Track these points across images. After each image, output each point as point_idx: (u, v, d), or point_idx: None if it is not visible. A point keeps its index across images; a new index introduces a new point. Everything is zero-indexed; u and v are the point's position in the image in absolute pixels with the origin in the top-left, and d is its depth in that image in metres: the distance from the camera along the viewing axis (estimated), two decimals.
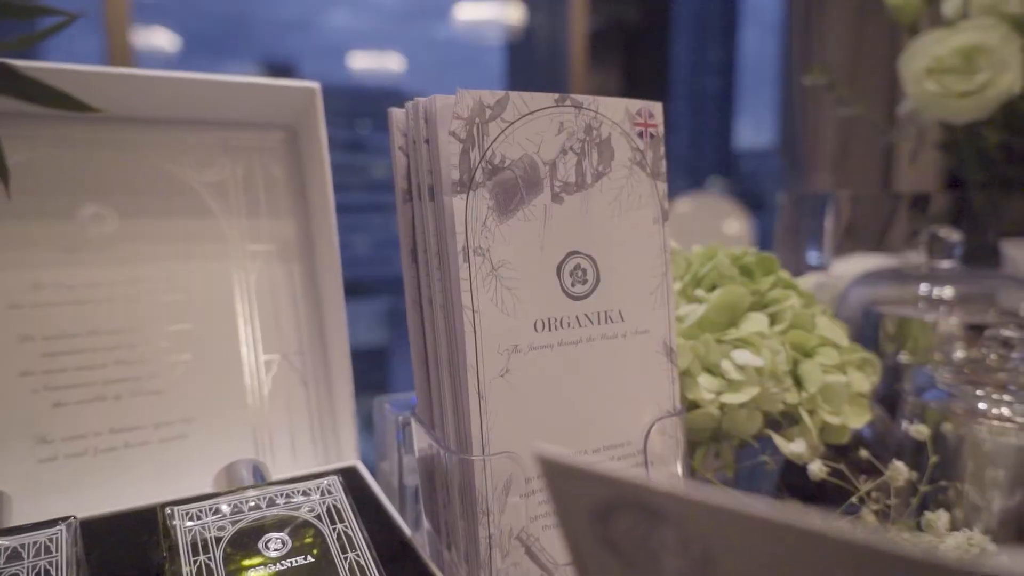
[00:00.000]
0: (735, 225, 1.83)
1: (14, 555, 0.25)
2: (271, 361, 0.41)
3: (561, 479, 0.16)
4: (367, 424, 0.45)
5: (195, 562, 0.26)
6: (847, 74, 1.94)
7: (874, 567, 0.13)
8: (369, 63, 4.13)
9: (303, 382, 0.41)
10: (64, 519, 0.27)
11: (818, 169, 2.09)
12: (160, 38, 2.77)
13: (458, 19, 3.28)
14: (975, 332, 0.46)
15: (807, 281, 0.43)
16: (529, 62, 3.85)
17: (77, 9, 0.26)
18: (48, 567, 0.25)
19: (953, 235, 0.50)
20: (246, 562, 0.27)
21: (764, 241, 2.03)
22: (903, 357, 0.49)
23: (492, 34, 3.53)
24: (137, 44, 1.85)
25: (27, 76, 0.22)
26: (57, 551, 0.25)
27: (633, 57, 3.78)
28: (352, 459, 0.40)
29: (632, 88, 3.62)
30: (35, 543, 0.26)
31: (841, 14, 2.06)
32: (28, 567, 0.25)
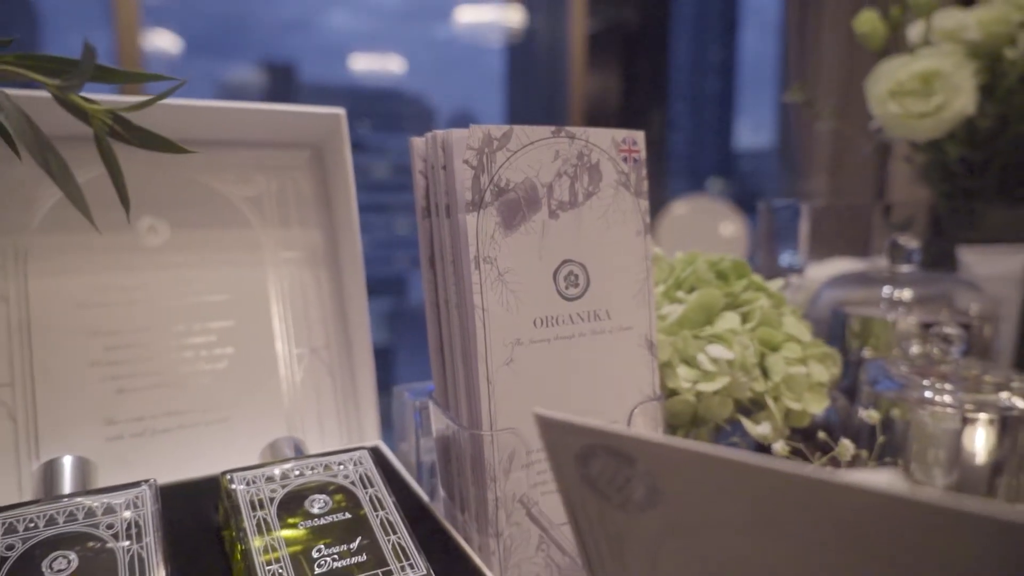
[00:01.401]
0: (730, 227, 1.89)
1: (108, 509, 0.31)
2: (302, 354, 0.47)
3: (553, 432, 0.22)
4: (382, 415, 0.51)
5: (254, 517, 0.32)
6: (842, 78, 2.00)
7: (781, 487, 0.19)
8: (369, 64, 4.19)
9: (330, 373, 0.47)
10: (146, 480, 0.33)
11: (814, 174, 2.15)
12: (163, 40, 2.83)
13: (459, 21, 3.34)
14: (928, 330, 0.52)
15: (777, 283, 0.49)
16: (529, 64, 3.91)
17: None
18: (137, 519, 0.31)
19: (912, 242, 0.56)
20: (294, 519, 0.33)
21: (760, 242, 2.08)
22: (866, 352, 0.55)
23: (492, 36, 3.58)
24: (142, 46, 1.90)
25: (143, 128, 0.28)
26: (142, 506, 0.31)
27: (632, 58, 3.83)
28: (375, 440, 0.46)
29: (631, 89, 3.68)
30: (124, 500, 0.32)
31: (836, 16, 2.12)
32: (120, 519, 0.31)
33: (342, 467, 0.36)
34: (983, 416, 0.42)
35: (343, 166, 0.46)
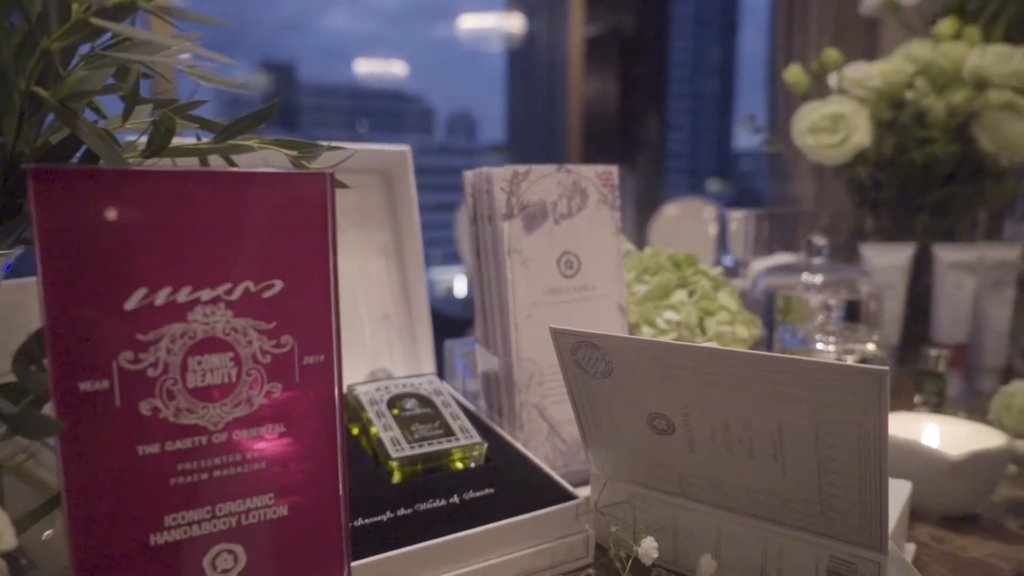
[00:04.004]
0: (716, 227, 2.12)
1: None
2: (376, 318, 0.68)
3: (559, 336, 0.44)
4: None
5: (373, 409, 0.54)
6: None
7: (676, 353, 0.41)
8: (371, 66, 4.40)
9: (397, 332, 0.69)
10: None
11: (798, 179, 2.37)
12: None
13: (460, 27, 3.56)
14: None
15: (717, 270, 0.71)
16: (528, 67, 4.12)
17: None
18: None
19: (822, 240, 0.78)
20: (395, 411, 0.55)
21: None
22: (787, 321, 0.77)
23: (494, 41, 3.80)
24: None
25: None
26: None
27: (630, 61, 4.01)
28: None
29: (629, 92, 3.88)
30: None
31: (820, 23, 2.34)
32: None
33: (420, 384, 0.58)
34: (850, 358, 0.64)
35: (407, 186, 0.68)
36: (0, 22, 0.33)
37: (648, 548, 0.39)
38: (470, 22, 3.52)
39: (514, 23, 3.58)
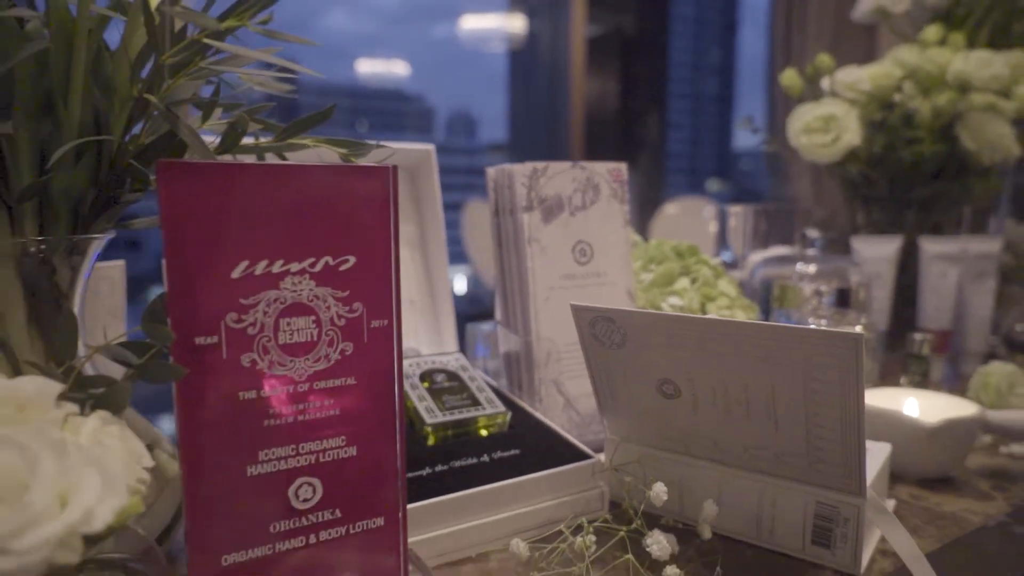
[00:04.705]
0: (716, 225, 2.18)
1: None
2: (403, 303, 0.75)
3: (579, 312, 0.51)
4: None
5: (407, 382, 0.60)
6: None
7: (683, 324, 0.47)
8: (371, 66, 4.46)
9: (422, 315, 0.75)
10: None
11: (797, 178, 2.43)
12: None
13: (463, 28, 3.63)
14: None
15: (717, 259, 0.78)
16: (530, 67, 4.19)
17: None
18: None
19: (815, 233, 0.84)
20: (426, 384, 0.61)
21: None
22: (783, 308, 0.83)
23: (495, 42, 3.86)
24: None
25: None
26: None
27: (631, 61, 4.08)
28: None
29: (630, 91, 3.95)
30: None
31: (820, 23, 2.41)
32: None
33: (448, 361, 0.64)
34: None
35: (432, 183, 0.74)
36: (98, 42, 0.39)
37: (659, 491, 0.46)
38: (472, 23, 3.59)
39: (516, 24, 3.64)
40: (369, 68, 4.55)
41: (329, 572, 0.39)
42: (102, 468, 0.27)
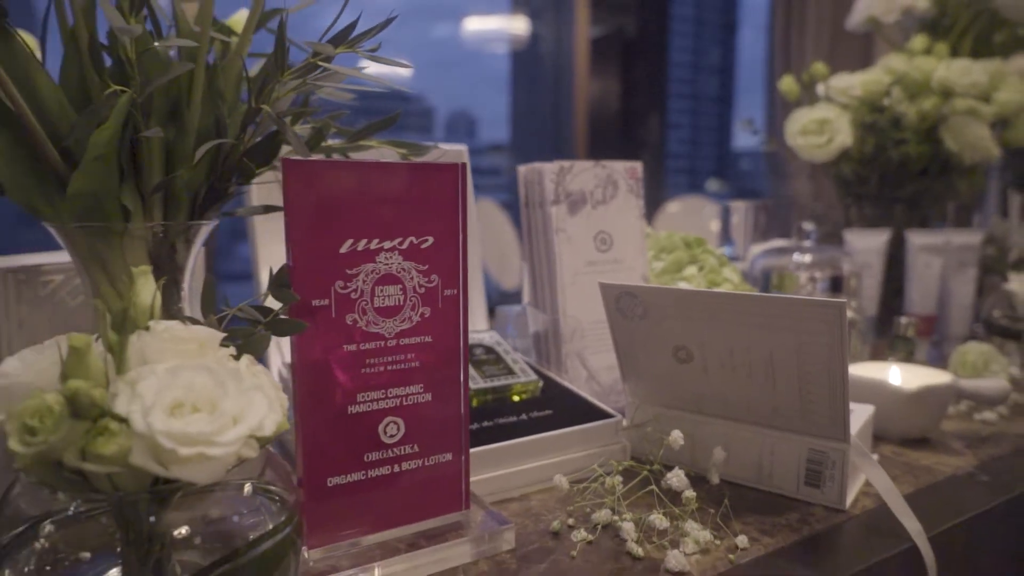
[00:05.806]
0: (718, 223, 2.28)
1: None
2: None
3: (606, 289, 0.60)
4: None
5: None
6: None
7: (698, 299, 0.56)
8: (371, 66, 4.54)
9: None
10: None
11: (795, 177, 2.53)
12: None
13: (465, 29, 3.72)
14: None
15: (721, 250, 0.87)
16: (532, 68, 4.28)
17: None
18: None
19: (810, 226, 0.93)
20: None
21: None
22: (780, 293, 0.93)
23: (497, 43, 3.95)
24: None
25: None
26: None
27: (633, 62, 4.16)
28: None
29: (630, 92, 4.05)
30: None
31: (819, 25, 2.50)
32: None
33: (483, 337, 0.73)
34: None
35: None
36: (201, 60, 0.49)
37: (676, 437, 0.55)
38: (475, 24, 3.68)
39: (518, 25, 3.73)
40: (368, 67, 4.63)
41: (409, 496, 0.48)
42: (264, 392, 0.36)
